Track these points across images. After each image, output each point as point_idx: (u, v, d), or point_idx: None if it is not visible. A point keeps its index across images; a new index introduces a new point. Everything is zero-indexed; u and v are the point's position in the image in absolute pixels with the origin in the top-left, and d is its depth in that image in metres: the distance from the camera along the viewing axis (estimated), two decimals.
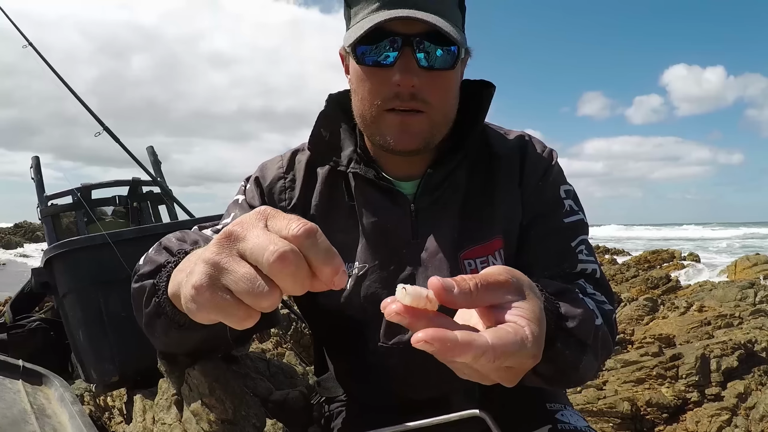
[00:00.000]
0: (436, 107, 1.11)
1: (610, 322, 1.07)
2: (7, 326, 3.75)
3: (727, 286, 6.68)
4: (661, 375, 3.45)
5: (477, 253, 1.21)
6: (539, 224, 1.23)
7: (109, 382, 2.50)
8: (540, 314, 0.69)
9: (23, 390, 1.27)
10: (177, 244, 1.00)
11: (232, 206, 1.29)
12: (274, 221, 0.60)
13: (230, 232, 0.60)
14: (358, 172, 1.21)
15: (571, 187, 1.27)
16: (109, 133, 4.30)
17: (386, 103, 1.10)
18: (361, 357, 1.27)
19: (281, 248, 0.55)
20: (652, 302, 5.48)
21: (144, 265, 0.99)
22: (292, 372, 2.24)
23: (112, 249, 2.50)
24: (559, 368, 0.90)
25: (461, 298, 0.61)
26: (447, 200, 1.23)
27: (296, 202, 1.26)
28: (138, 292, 0.96)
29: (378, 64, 1.09)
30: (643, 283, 9.06)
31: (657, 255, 15.35)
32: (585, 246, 1.20)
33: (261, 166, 1.34)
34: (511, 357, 0.61)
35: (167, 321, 0.88)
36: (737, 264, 12.24)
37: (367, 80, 1.12)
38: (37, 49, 4.27)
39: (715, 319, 4.54)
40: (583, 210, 1.26)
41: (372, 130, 1.17)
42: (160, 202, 5.17)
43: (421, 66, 1.07)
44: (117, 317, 2.50)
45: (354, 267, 1.21)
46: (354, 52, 1.11)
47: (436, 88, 1.10)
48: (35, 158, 4.55)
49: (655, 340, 4.01)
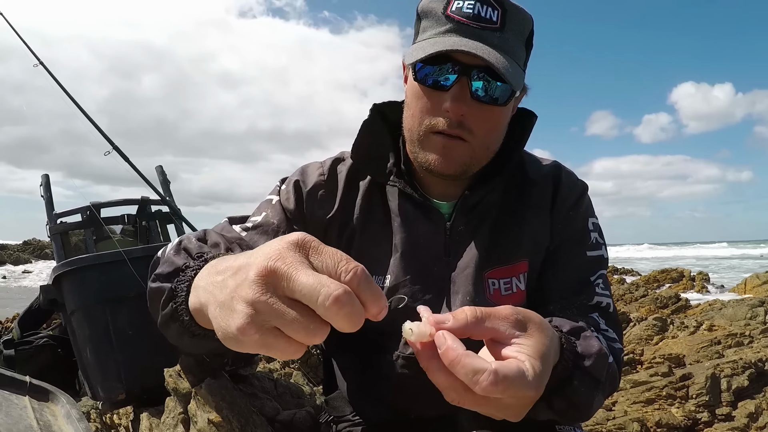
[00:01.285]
0: (480, 139, 1.13)
1: (618, 360, 1.10)
2: (15, 342, 3.76)
3: (736, 304, 6.61)
4: (671, 395, 3.41)
5: (501, 274, 1.22)
6: (564, 252, 1.25)
7: (116, 400, 2.51)
8: (543, 350, 0.72)
9: (30, 406, 1.28)
10: (197, 247, 1.01)
11: (264, 205, 1.28)
12: (318, 257, 0.60)
13: (272, 270, 0.59)
14: (397, 186, 1.24)
15: (597, 221, 1.30)
16: (118, 152, 4.34)
17: (434, 125, 1.13)
18: (375, 369, 1.27)
19: (336, 292, 0.55)
20: (661, 322, 5.44)
21: (163, 263, 0.98)
22: (299, 392, 2.24)
23: (120, 267, 2.51)
24: (574, 404, 0.92)
25: (457, 329, 0.67)
26: (480, 221, 1.25)
27: (335, 213, 1.26)
28: (156, 293, 0.95)
29: (434, 87, 1.12)
30: (652, 302, 9.00)
31: (666, 274, 15.26)
32: (602, 280, 1.23)
33: (301, 169, 1.32)
34: (511, 387, 0.65)
35: (182, 328, 0.87)
36: (747, 282, 12.15)
37: (421, 99, 1.14)
38: (47, 68, 4.33)
39: (725, 338, 4.50)
40: (606, 245, 1.29)
41: (416, 148, 1.19)
42: (168, 221, 5.19)
43: (474, 97, 1.09)
44: (124, 335, 2.52)
45: (386, 279, 1.22)
46: (414, 69, 1.13)
47: (484, 121, 1.12)
48: (45, 176, 4.59)
49: (665, 359, 3.97)
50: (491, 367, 0.64)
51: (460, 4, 1.08)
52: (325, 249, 0.61)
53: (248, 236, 1.18)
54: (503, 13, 1.09)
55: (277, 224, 1.22)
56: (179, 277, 0.88)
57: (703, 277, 15.29)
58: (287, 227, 1.22)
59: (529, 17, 1.14)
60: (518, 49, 1.13)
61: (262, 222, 1.22)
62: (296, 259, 0.59)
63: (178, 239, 1.05)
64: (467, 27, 1.08)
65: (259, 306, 0.58)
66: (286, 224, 1.22)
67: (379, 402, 1.31)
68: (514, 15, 1.10)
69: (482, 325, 0.70)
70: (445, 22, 1.10)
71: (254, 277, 0.59)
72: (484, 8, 1.08)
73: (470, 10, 1.08)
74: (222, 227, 1.21)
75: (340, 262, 0.59)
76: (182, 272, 0.88)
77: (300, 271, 0.58)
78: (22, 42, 4.48)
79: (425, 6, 1.15)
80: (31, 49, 4.45)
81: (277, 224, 1.22)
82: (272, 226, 1.21)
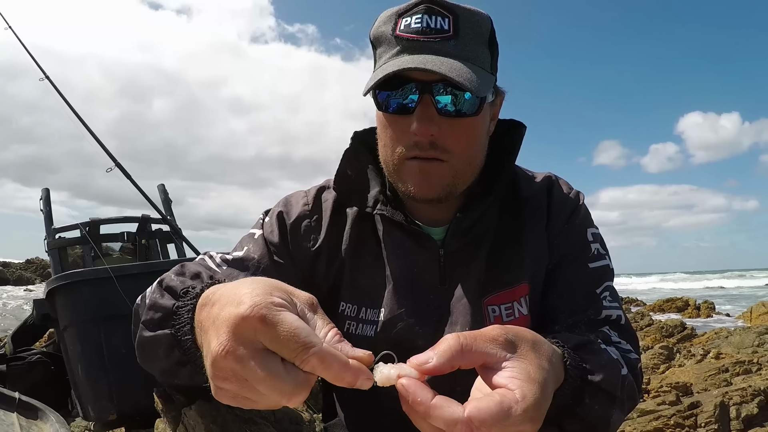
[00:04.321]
0: (458, 156, 1.07)
1: (636, 371, 1.02)
2: (7, 358, 3.70)
3: (744, 332, 6.56)
4: (679, 424, 3.33)
5: (501, 299, 1.15)
6: (565, 268, 1.18)
7: (107, 420, 2.44)
8: (538, 372, 0.65)
9: (17, 423, 1.24)
10: (179, 283, 0.94)
11: (246, 239, 1.21)
12: (271, 343, 0.58)
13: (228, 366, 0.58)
14: (385, 214, 1.17)
15: (597, 231, 1.23)
16: (120, 169, 4.33)
17: (407, 152, 1.07)
18: (375, 402, 1.20)
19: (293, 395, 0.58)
20: (667, 350, 5.37)
21: (149, 310, 0.93)
22: (298, 418, 2.17)
23: (116, 284, 2.47)
24: (589, 424, 0.85)
25: (442, 365, 0.62)
26: (476, 245, 1.18)
27: (322, 244, 1.20)
28: (151, 343, 0.90)
29: (399, 112, 1.06)
30: (657, 331, 8.91)
31: (671, 303, 15.19)
32: (610, 292, 1.15)
33: (285, 200, 1.27)
34: (496, 427, 0.58)
35: (194, 369, 0.81)
36: (753, 310, 12.07)
37: (388, 127, 1.09)
38: (52, 82, 4.33)
39: (733, 365, 4.44)
40: (609, 254, 1.22)
41: (395, 178, 1.13)
42: (168, 240, 5.17)
43: (442, 113, 1.03)
44: (117, 354, 2.46)
45: (380, 313, 1.15)
46: (375, 99, 1.08)
47: (458, 136, 1.05)
48: (45, 190, 4.58)
49: (672, 388, 3.90)
50: (463, 416, 0.58)
51: (408, 20, 1.03)
52: (278, 332, 0.57)
53: (226, 270, 1.11)
54: (455, 20, 1.03)
55: (258, 259, 1.15)
56: (175, 321, 0.83)
57: (709, 305, 15.20)
58: (269, 262, 1.16)
59: (485, 17, 1.07)
60: (480, 53, 1.06)
61: (243, 257, 1.15)
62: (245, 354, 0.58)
63: (157, 281, 0.99)
64: (418, 42, 1.02)
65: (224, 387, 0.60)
66: (268, 259, 1.16)
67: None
68: (467, 19, 1.04)
69: (469, 353, 0.63)
70: (395, 44, 1.04)
71: (212, 372, 0.61)
72: (433, 19, 1.02)
73: (419, 25, 1.02)
74: (199, 261, 1.15)
75: (296, 350, 0.56)
76: (175, 315, 0.83)
77: (256, 371, 0.57)
78: (29, 55, 4.50)
79: (375, 32, 1.10)
80: (37, 62, 4.47)
81: (257, 259, 1.15)
82: (252, 261, 1.15)
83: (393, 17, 1.05)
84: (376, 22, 1.10)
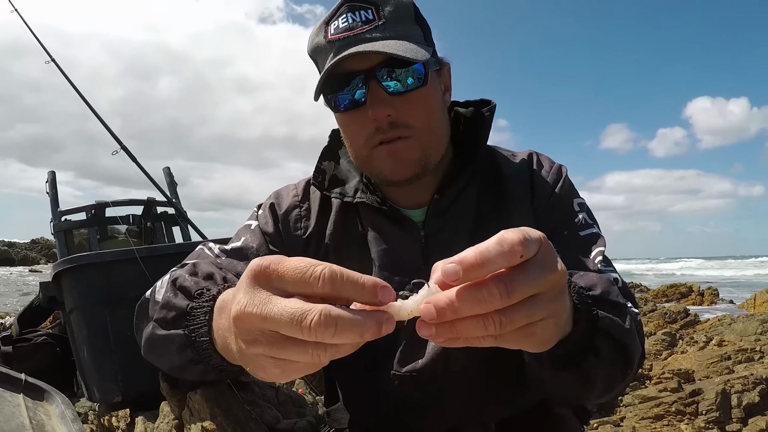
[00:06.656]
0: (421, 128, 1.11)
1: (637, 322, 1.02)
2: (13, 339, 3.73)
3: (747, 319, 6.54)
4: (680, 411, 3.35)
5: None
6: (554, 240, 1.17)
7: (111, 402, 2.46)
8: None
9: (23, 404, 1.25)
10: (194, 284, 0.95)
11: (243, 230, 1.28)
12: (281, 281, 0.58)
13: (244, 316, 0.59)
14: (365, 201, 1.21)
15: (583, 201, 1.24)
16: (126, 152, 4.33)
17: (371, 140, 1.11)
18: (374, 386, 1.23)
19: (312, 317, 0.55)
20: (670, 337, 5.37)
21: (162, 308, 0.94)
22: (301, 401, 2.20)
23: (122, 267, 2.48)
24: (618, 342, 0.85)
25: (471, 272, 0.59)
26: (457, 224, 1.20)
27: (312, 231, 1.26)
28: (164, 341, 0.92)
29: (352, 107, 1.11)
30: (660, 317, 8.91)
31: (675, 289, 15.16)
32: (602, 258, 1.15)
33: (275, 193, 1.34)
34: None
35: (207, 367, 0.86)
36: (756, 297, 12.05)
37: (347, 125, 1.15)
38: (59, 65, 4.33)
39: (736, 353, 4.44)
40: (597, 224, 1.22)
41: (368, 170, 1.18)
42: (174, 223, 5.18)
43: (392, 93, 1.07)
44: (123, 336, 2.48)
45: None
46: (328, 103, 1.13)
47: (414, 109, 1.10)
48: (51, 173, 4.59)
49: (674, 375, 3.91)
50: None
51: (336, 23, 1.08)
52: (286, 268, 0.57)
53: (225, 261, 1.16)
54: (377, 8, 1.07)
55: (256, 248, 1.22)
56: (190, 322, 0.85)
57: (712, 292, 15.18)
58: (267, 251, 1.22)
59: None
60: (410, 30, 1.10)
61: (242, 246, 1.22)
62: (263, 296, 0.58)
63: (170, 278, 1.01)
64: (349, 38, 1.06)
65: (255, 352, 0.59)
66: (265, 248, 1.23)
67: (378, 417, 1.27)
68: (388, 3, 1.08)
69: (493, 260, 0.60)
70: (330, 49, 1.09)
71: (241, 337, 0.60)
72: (357, 14, 1.07)
73: (346, 23, 1.07)
74: (199, 254, 1.19)
75: (306, 273, 0.56)
76: (189, 315, 0.86)
77: (270, 306, 0.57)
78: (35, 38, 4.48)
79: (311, 46, 1.14)
80: (43, 45, 4.46)
81: (256, 248, 1.22)
82: (251, 250, 1.22)
83: (322, 27, 1.10)
84: (309, 38, 1.15)
